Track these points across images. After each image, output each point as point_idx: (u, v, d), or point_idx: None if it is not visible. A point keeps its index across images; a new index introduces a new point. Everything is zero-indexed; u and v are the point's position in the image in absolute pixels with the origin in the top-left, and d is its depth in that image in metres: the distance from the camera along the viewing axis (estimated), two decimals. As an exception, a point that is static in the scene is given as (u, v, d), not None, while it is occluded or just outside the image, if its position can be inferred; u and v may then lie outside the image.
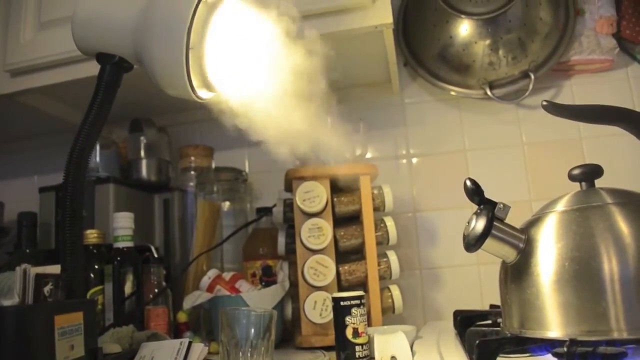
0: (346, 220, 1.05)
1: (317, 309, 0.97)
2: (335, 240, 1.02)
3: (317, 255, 0.99)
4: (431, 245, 1.21)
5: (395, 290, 1.04)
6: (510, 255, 0.64)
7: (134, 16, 0.67)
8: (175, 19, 0.64)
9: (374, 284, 1.01)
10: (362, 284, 1.02)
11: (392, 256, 1.05)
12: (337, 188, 1.05)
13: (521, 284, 0.64)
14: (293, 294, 1.04)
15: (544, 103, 0.68)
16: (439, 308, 1.19)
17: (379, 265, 1.03)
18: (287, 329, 1.06)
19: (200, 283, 1.05)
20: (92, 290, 0.94)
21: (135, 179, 1.19)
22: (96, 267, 0.97)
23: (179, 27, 0.64)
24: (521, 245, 0.64)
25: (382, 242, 1.06)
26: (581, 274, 0.58)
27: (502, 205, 0.66)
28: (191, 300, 1.03)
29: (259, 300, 1.00)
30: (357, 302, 0.84)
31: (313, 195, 1.01)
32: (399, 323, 0.99)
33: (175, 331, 1.03)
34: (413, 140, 1.27)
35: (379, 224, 1.06)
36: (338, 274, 1.01)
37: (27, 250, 1.02)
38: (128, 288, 0.97)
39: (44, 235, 1.08)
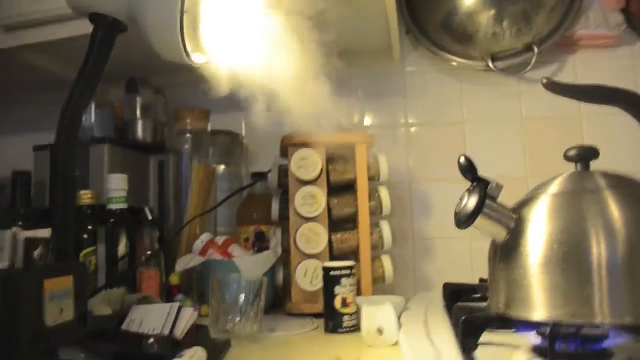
0: (340, 189, 1.05)
1: (307, 276, 0.98)
2: (329, 208, 1.03)
3: (309, 223, 0.99)
4: (425, 217, 1.21)
5: (386, 260, 1.05)
6: (501, 234, 0.64)
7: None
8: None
9: (365, 253, 1.02)
10: (354, 253, 1.03)
11: (385, 226, 1.05)
12: (332, 156, 1.05)
13: (509, 264, 0.64)
14: (285, 260, 1.05)
15: (544, 81, 0.67)
16: (429, 279, 1.20)
17: (371, 234, 1.03)
18: (278, 294, 1.08)
19: (193, 246, 1.06)
20: (84, 251, 0.95)
21: (131, 139, 1.19)
22: (89, 227, 0.97)
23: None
24: (512, 225, 0.64)
25: (376, 211, 1.06)
26: (569, 257, 0.58)
27: (495, 184, 0.65)
28: (183, 263, 1.03)
29: (250, 265, 1.01)
30: (347, 272, 0.85)
31: (308, 163, 1.00)
32: (389, 293, 1.00)
33: (167, 294, 1.04)
34: (412, 110, 1.25)
35: (373, 194, 1.06)
36: (330, 242, 1.02)
37: (22, 210, 1.02)
38: (121, 250, 0.97)
39: (39, 194, 1.08)
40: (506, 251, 0.65)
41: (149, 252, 1.00)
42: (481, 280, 1.09)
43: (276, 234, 1.08)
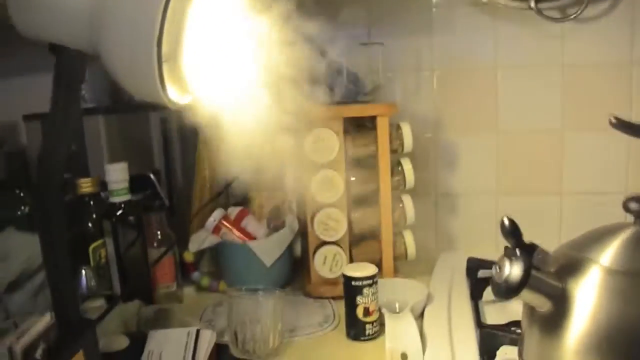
0: (360, 164, 0.97)
1: (327, 264, 0.94)
2: (348, 186, 0.95)
3: (327, 209, 0.93)
4: (449, 170, 1.14)
5: (408, 237, 1.00)
6: (544, 306, 0.58)
7: (87, 6, 0.52)
8: (141, 24, 0.50)
9: (387, 232, 0.97)
10: (375, 232, 0.98)
11: (408, 201, 0.99)
12: (351, 128, 0.95)
13: (548, 337, 0.59)
14: (303, 231, 1.00)
15: (613, 120, 0.57)
16: (452, 235, 1.16)
17: (393, 211, 0.97)
18: (296, 267, 1.05)
19: (206, 224, 1.01)
20: (93, 245, 0.90)
21: (127, 100, 1.08)
22: (94, 217, 0.92)
23: (146, 37, 0.50)
24: (557, 296, 0.57)
25: (398, 187, 0.98)
26: (614, 350, 0.53)
27: (540, 252, 0.58)
28: (197, 243, 1.00)
29: (267, 249, 0.97)
30: (369, 282, 0.81)
31: (324, 145, 0.91)
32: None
33: (183, 271, 1.02)
34: (439, 51, 1.11)
35: (396, 168, 0.98)
36: (349, 221, 0.96)
37: (21, 193, 0.96)
38: (131, 238, 0.93)
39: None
40: (546, 322, 0.59)
41: (159, 234, 0.96)
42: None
43: (292, 207, 1.02)
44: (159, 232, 0.96)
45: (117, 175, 0.88)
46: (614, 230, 0.61)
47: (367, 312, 0.81)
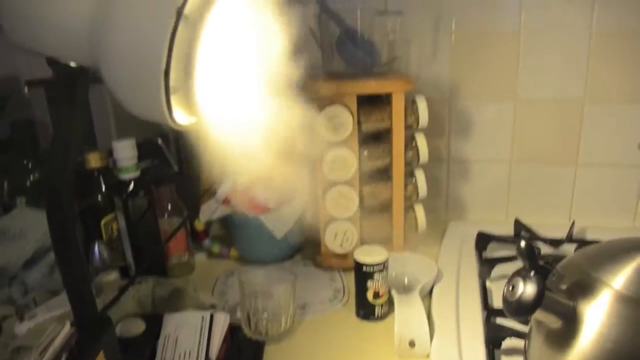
0: (373, 138, 0.95)
1: (337, 239, 0.94)
2: (359, 160, 0.94)
3: (339, 186, 0.92)
4: (463, 136, 1.11)
5: (419, 211, 0.99)
6: (553, 324, 0.59)
7: (85, 24, 0.49)
8: (145, 53, 0.47)
9: (399, 208, 0.96)
10: (386, 206, 0.97)
11: (420, 176, 0.98)
12: (365, 103, 0.92)
13: (553, 351, 0.60)
14: (314, 203, 1.00)
15: None
16: (463, 202, 1.15)
17: (405, 186, 0.96)
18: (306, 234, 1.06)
19: (217, 195, 1.00)
20: (105, 219, 0.91)
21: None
22: (104, 190, 0.92)
23: (152, 67, 0.47)
24: (567, 315, 0.58)
25: (411, 162, 0.97)
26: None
27: (555, 274, 0.58)
28: (207, 213, 1.00)
29: (277, 221, 0.97)
30: (380, 267, 0.82)
31: (338, 122, 0.89)
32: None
33: (193, 237, 1.03)
34: (459, 14, 1.05)
35: (410, 143, 0.96)
36: (360, 195, 0.95)
37: (29, 164, 0.95)
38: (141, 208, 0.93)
39: (45, 135, 0.99)
40: (553, 337, 0.60)
41: (169, 206, 0.96)
42: (517, 222, 1.06)
43: (304, 181, 1.01)
44: (169, 204, 0.96)
45: (126, 152, 0.87)
46: (632, 250, 0.60)
47: (377, 295, 0.82)
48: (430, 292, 0.88)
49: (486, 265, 0.92)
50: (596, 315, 0.57)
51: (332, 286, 0.93)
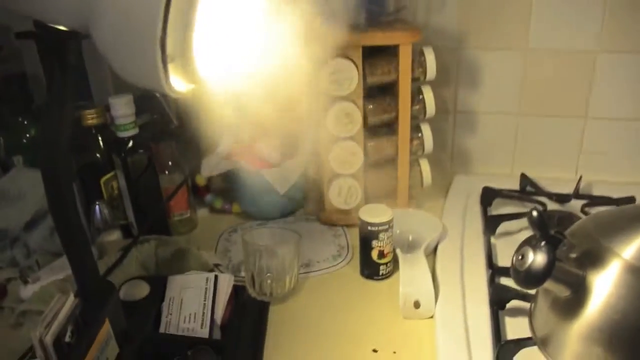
0: (378, 91, 0.92)
1: (342, 196, 0.93)
2: (364, 115, 0.91)
3: (343, 141, 0.90)
4: (470, 87, 1.08)
5: (424, 166, 0.98)
6: (563, 293, 0.58)
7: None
8: (140, 21, 0.44)
9: (404, 162, 0.94)
10: (391, 160, 0.96)
11: (427, 130, 0.95)
12: (370, 55, 0.88)
13: (559, 317, 0.60)
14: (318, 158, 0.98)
15: None
16: (469, 155, 1.13)
17: (411, 141, 0.94)
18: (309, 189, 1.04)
19: (218, 149, 0.98)
20: (104, 178, 0.89)
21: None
22: (102, 148, 0.89)
23: (147, 37, 0.44)
24: (577, 285, 0.57)
25: (418, 116, 0.94)
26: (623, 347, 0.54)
27: (566, 244, 0.56)
28: (209, 168, 0.98)
29: (280, 176, 0.96)
30: (385, 227, 0.81)
31: (342, 77, 0.85)
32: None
33: (195, 193, 1.02)
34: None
35: (416, 96, 0.93)
36: (365, 150, 0.93)
37: (24, 121, 0.92)
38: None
39: (38, 90, 0.96)
40: (560, 304, 0.60)
41: (170, 163, 0.94)
42: (523, 176, 1.04)
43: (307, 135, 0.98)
44: (170, 161, 0.94)
45: (123, 109, 0.84)
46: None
47: (381, 254, 0.82)
48: (435, 249, 0.87)
49: (491, 222, 0.91)
50: (605, 286, 0.56)
51: (335, 243, 0.92)
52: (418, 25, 0.92)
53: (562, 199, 0.98)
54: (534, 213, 0.55)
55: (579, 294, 0.57)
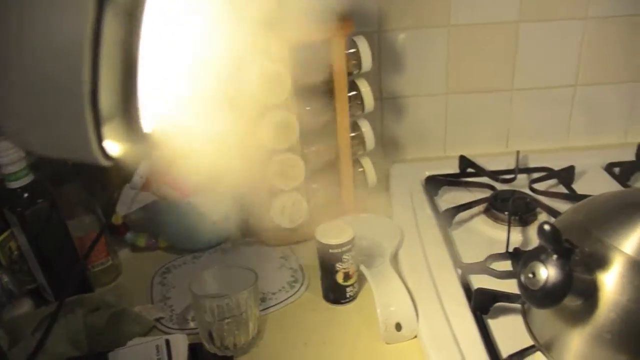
0: (311, 93, 0.82)
1: (286, 214, 0.83)
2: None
3: (281, 154, 0.80)
4: (394, 71, 1.02)
5: (367, 164, 0.90)
6: (574, 302, 0.54)
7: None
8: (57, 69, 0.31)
9: (346, 165, 0.87)
10: (332, 165, 0.87)
11: (366, 127, 0.88)
12: (299, 55, 0.78)
13: (570, 322, 0.56)
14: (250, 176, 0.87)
15: None
16: (401, 143, 1.08)
17: (351, 140, 0.86)
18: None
19: (132, 180, 0.83)
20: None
21: None
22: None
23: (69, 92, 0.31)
24: (590, 292, 0.53)
25: (355, 112, 0.86)
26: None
27: (578, 254, 0.52)
28: (125, 205, 0.83)
29: (212, 202, 0.84)
30: (348, 247, 0.73)
31: (275, 84, 0.74)
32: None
33: (114, 233, 0.87)
34: None
35: (351, 91, 0.84)
36: (304, 159, 0.84)
37: None
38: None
39: None
40: (569, 311, 0.55)
41: (81, 219, 0.79)
42: (462, 158, 1.01)
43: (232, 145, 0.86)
44: (77, 205, 0.78)
45: (10, 154, 0.68)
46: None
47: (347, 276, 0.74)
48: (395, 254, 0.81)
49: (446, 217, 0.86)
50: (614, 287, 0.52)
51: (287, 266, 0.83)
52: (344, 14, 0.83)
53: (506, 177, 0.96)
54: (546, 227, 0.49)
55: (591, 300, 0.53)
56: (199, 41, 0.47)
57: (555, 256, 0.50)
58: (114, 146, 0.37)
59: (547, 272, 0.51)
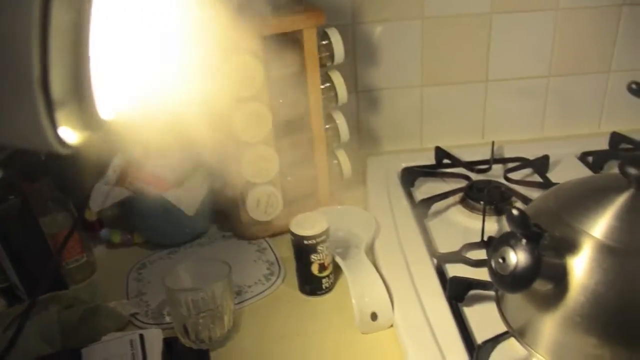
0: (284, 85, 0.82)
1: (261, 207, 0.83)
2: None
3: (255, 147, 0.79)
4: (369, 64, 1.02)
5: (342, 156, 0.90)
6: (544, 287, 0.54)
7: None
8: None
9: (321, 157, 0.87)
10: (307, 157, 0.87)
11: (340, 119, 0.88)
12: (271, 47, 0.78)
13: (542, 307, 0.56)
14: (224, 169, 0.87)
15: (633, 86, 0.49)
16: (377, 135, 1.08)
17: (325, 131, 0.86)
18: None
19: (106, 176, 0.83)
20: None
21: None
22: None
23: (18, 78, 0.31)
24: (560, 277, 0.53)
25: (329, 104, 0.86)
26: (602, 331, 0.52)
27: (547, 239, 0.52)
28: (99, 200, 0.83)
29: (186, 197, 0.83)
30: (323, 238, 0.73)
31: (246, 74, 0.74)
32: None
33: (89, 230, 0.86)
34: None
35: (324, 83, 0.84)
36: (278, 152, 0.84)
37: None
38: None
39: None
40: (541, 296, 0.56)
41: (49, 203, 0.78)
42: (437, 149, 1.01)
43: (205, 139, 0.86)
44: (49, 201, 0.77)
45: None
46: (610, 194, 0.56)
47: (322, 267, 0.74)
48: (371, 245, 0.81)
49: (422, 207, 0.86)
50: (584, 270, 0.53)
51: (263, 260, 0.83)
52: (315, 5, 0.83)
53: (481, 168, 0.96)
54: (514, 212, 0.50)
55: (561, 284, 0.54)
56: (163, 30, 0.47)
57: (524, 241, 0.51)
58: (71, 133, 0.37)
59: (516, 257, 0.51)
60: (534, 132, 1.09)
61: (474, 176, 0.95)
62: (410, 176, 0.95)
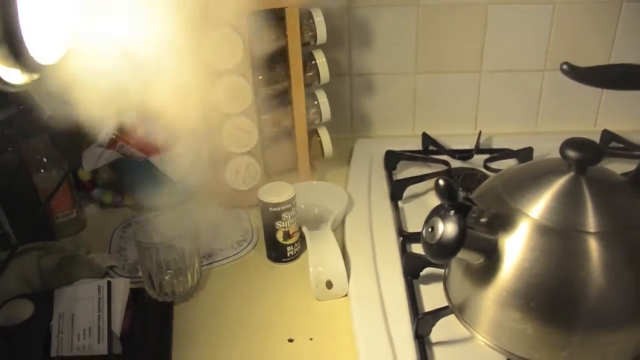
0: (267, 60, 0.85)
1: (240, 175, 0.87)
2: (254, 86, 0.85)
3: (235, 118, 0.83)
4: (364, 48, 1.04)
5: (324, 135, 0.93)
6: (476, 260, 0.56)
7: None
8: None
9: (302, 134, 0.90)
10: (288, 133, 0.91)
11: (322, 98, 0.91)
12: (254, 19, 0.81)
13: (472, 283, 0.59)
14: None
15: (564, 67, 0.51)
16: (369, 119, 1.10)
17: (307, 110, 0.89)
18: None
19: (99, 138, 0.89)
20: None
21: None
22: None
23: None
24: (490, 251, 0.56)
25: (312, 82, 0.89)
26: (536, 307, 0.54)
27: (476, 211, 0.54)
28: (91, 161, 0.89)
29: (172, 163, 0.88)
30: (288, 206, 0.76)
31: (227, 48, 0.78)
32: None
33: (80, 189, 0.92)
34: None
35: (308, 62, 0.88)
36: (260, 125, 0.87)
37: None
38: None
39: None
40: (475, 270, 0.58)
41: (44, 160, 0.84)
42: (424, 135, 1.03)
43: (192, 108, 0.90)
44: (44, 158, 0.83)
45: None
46: (550, 176, 0.57)
47: (287, 235, 0.78)
48: (343, 221, 0.84)
49: (397, 187, 0.89)
50: (517, 248, 0.55)
51: (239, 227, 0.87)
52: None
53: (464, 155, 0.98)
54: (441, 182, 0.52)
55: (492, 259, 0.56)
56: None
57: (452, 211, 0.53)
58: (10, 72, 0.41)
59: (443, 227, 0.53)
60: (528, 126, 1.09)
61: (455, 163, 0.96)
62: (392, 159, 0.97)
